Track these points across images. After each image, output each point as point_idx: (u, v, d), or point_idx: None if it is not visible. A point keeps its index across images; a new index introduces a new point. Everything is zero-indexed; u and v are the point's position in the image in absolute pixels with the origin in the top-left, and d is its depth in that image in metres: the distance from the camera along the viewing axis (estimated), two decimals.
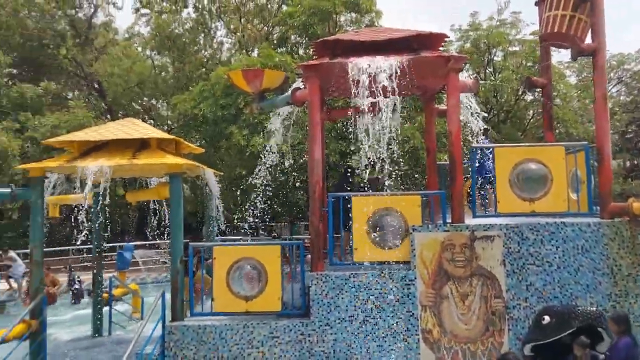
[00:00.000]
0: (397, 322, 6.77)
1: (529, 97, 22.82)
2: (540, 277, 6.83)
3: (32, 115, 21.43)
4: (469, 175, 8.22)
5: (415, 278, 6.80)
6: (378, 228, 7.09)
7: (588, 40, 7.43)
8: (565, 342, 6.25)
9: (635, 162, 31.71)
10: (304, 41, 22.28)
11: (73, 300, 14.35)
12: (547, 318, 6.44)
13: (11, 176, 18.58)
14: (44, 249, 8.04)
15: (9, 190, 7.73)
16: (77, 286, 14.56)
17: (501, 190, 7.22)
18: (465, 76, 7.97)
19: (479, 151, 8.33)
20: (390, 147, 7.89)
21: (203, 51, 27.07)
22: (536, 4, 8.70)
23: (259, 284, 7.08)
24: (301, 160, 17.33)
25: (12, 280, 15.29)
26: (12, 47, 24.94)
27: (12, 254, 15.68)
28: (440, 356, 6.64)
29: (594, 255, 6.87)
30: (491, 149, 7.66)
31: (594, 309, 6.50)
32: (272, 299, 7.05)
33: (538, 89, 9.96)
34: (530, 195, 7.24)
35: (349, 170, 9.36)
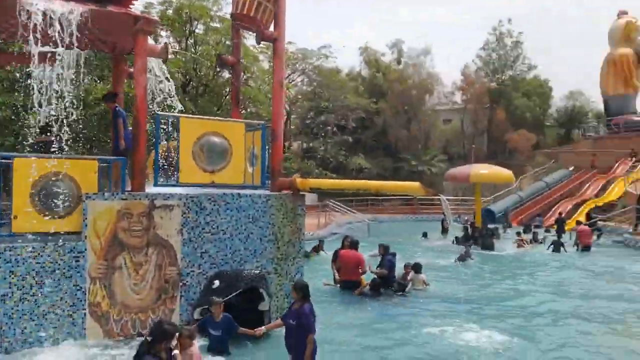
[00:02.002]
0: (61, 298, 6.18)
1: (227, 74, 23.84)
2: (214, 245, 7.21)
3: None
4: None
5: (86, 249, 6.32)
6: (45, 195, 6.30)
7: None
8: (233, 304, 6.80)
9: (311, 144, 36.81)
10: None
11: None
12: (217, 282, 6.89)
13: None
14: None
15: None
16: None
17: (184, 161, 7.30)
18: (164, 42, 7.73)
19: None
20: (73, 106, 7.09)
21: None
22: None
23: None
24: None
25: None
26: None
27: None
28: (109, 329, 6.37)
29: (262, 223, 7.62)
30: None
31: (257, 271, 7.27)
32: None
33: (229, 67, 10.39)
34: (212, 167, 7.54)
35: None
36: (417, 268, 10.81)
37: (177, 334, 4.95)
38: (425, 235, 20.32)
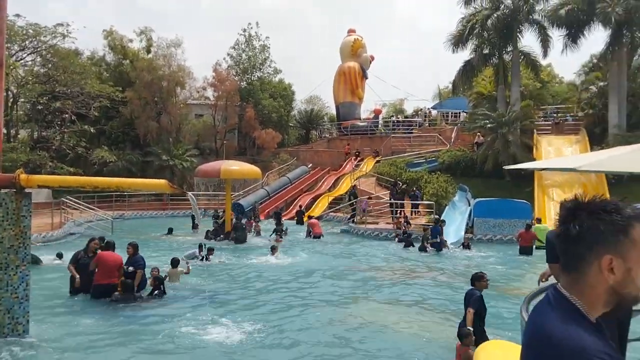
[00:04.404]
0: None
1: None
2: None
3: None
4: None
5: None
6: None
7: None
8: None
9: (44, 133, 32.53)
10: None
11: None
12: None
13: None
14: None
15: None
16: None
17: None
18: None
19: None
20: None
21: None
22: None
23: None
24: None
25: None
26: None
27: None
28: None
29: None
30: None
31: None
32: None
33: None
34: None
35: None
36: (173, 263, 11.11)
37: None
38: (170, 231, 19.90)
